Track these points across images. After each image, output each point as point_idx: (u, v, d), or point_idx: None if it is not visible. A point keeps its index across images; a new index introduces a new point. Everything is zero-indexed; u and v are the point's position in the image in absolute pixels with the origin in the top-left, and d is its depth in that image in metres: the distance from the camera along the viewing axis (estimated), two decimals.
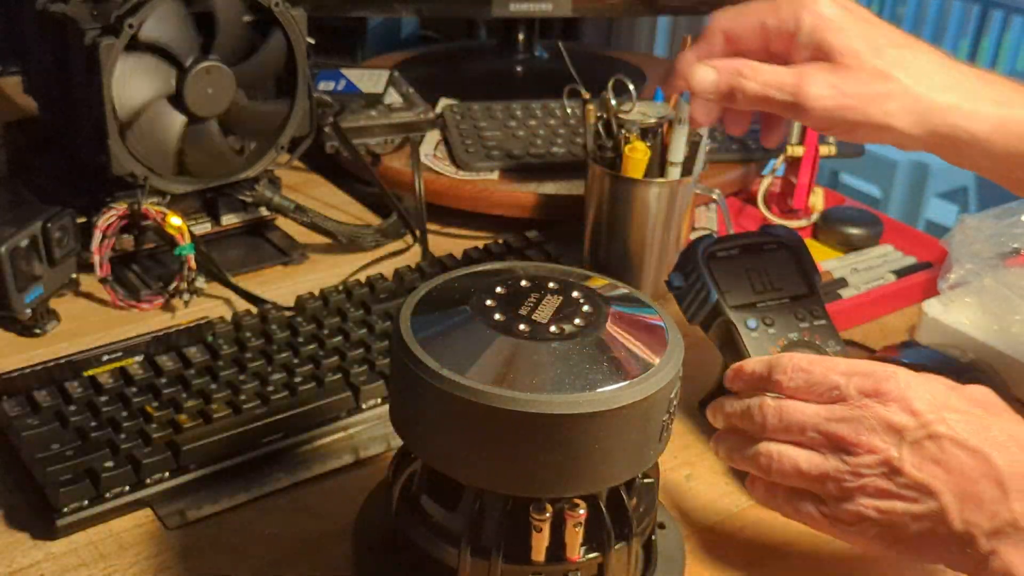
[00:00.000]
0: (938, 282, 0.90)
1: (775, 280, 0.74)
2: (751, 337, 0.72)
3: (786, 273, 0.75)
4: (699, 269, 0.73)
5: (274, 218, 0.97)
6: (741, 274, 0.73)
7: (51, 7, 0.83)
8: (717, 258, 0.74)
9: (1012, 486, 0.53)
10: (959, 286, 0.88)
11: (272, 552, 0.65)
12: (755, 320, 0.72)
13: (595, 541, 0.57)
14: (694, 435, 0.78)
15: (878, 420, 0.56)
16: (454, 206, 1.04)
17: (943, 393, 0.57)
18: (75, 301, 0.87)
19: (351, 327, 0.81)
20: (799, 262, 0.75)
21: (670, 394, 0.54)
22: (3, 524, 0.66)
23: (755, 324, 0.72)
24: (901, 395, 0.56)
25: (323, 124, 1.01)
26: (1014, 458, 0.54)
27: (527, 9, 1.22)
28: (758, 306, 0.73)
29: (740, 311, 0.72)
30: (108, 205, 0.85)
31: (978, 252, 0.88)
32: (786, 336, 0.72)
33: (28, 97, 0.95)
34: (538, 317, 0.55)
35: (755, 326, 0.72)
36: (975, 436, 0.54)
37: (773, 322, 0.72)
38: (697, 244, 0.74)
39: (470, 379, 0.51)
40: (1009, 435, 0.55)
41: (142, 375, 0.75)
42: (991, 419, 0.56)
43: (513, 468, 0.52)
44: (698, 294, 0.73)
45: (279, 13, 0.86)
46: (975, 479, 0.54)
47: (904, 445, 0.55)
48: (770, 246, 0.76)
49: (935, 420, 0.55)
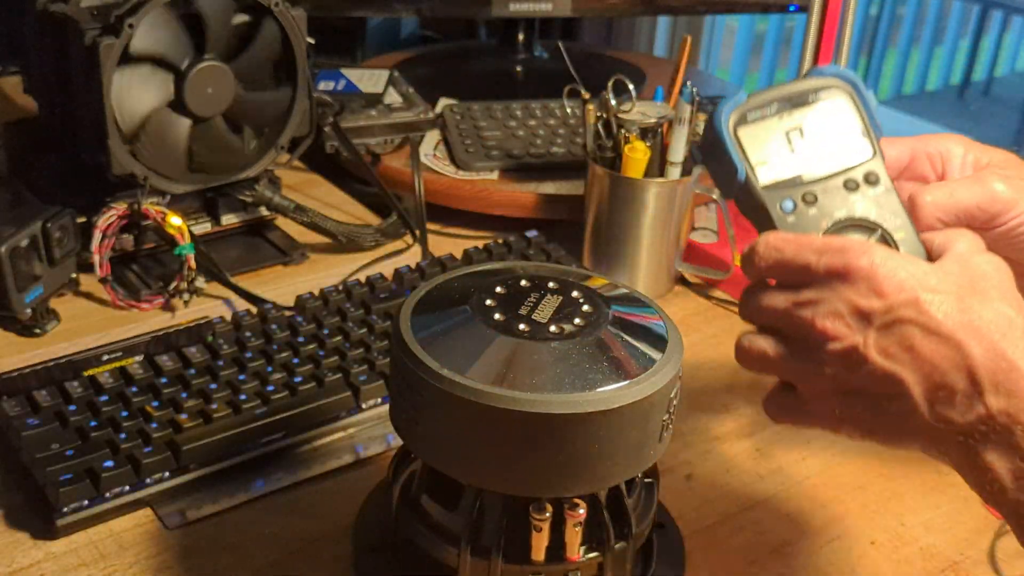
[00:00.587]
0: None
1: (822, 142, 0.58)
2: (787, 222, 0.57)
3: (837, 130, 0.59)
4: (723, 140, 0.58)
5: (274, 218, 0.97)
6: (780, 139, 0.58)
7: (51, 7, 0.83)
8: (748, 122, 0.58)
9: (986, 379, 0.48)
10: None
11: (272, 552, 0.65)
12: (792, 200, 0.57)
13: (595, 541, 0.57)
14: (694, 435, 0.78)
15: (845, 303, 0.51)
16: (454, 206, 1.04)
17: (922, 272, 0.51)
18: (75, 301, 0.87)
19: (351, 327, 0.81)
20: (853, 111, 0.59)
21: (670, 394, 0.54)
22: (3, 524, 0.66)
23: (792, 205, 0.57)
24: (871, 274, 0.50)
25: (323, 124, 1.01)
26: (992, 347, 0.49)
27: (527, 9, 1.22)
28: (798, 180, 0.57)
29: (775, 189, 0.57)
30: (108, 205, 0.85)
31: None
32: (831, 216, 0.57)
33: (28, 97, 0.95)
34: (538, 317, 0.55)
35: (792, 207, 0.57)
36: (950, 320, 0.49)
37: (816, 199, 0.57)
38: (722, 107, 0.59)
39: (470, 379, 0.51)
40: (992, 320, 0.49)
41: (142, 375, 0.75)
42: (974, 301, 0.50)
43: (513, 468, 0.52)
44: (727, 169, 0.58)
45: (279, 13, 0.86)
46: (945, 370, 0.49)
47: (871, 331, 0.50)
48: (816, 95, 0.59)
49: (905, 303, 0.50)
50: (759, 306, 0.55)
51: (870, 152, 0.58)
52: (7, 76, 1.22)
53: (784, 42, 3.70)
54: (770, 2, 1.26)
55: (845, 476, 0.74)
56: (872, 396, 0.51)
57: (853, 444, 0.77)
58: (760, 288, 0.55)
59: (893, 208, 0.57)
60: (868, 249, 0.51)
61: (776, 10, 1.26)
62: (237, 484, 0.70)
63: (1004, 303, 0.50)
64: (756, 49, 3.62)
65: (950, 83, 4.28)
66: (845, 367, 0.51)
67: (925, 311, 0.49)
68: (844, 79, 0.59)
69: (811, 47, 1.01)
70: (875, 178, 0.57)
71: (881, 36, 4.01)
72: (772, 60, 3.68)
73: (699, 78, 1.42)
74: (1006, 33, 4.22)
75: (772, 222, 0.57)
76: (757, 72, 3.68)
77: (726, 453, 0.76)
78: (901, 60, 4.11)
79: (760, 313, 0.55)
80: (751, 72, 3.63)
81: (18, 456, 0.68)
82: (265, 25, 0.87)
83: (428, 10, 1.24)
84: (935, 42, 4.18)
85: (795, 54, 3.18)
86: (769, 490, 0.73)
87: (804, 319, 0.52)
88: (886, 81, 4.11)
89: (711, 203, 1.05)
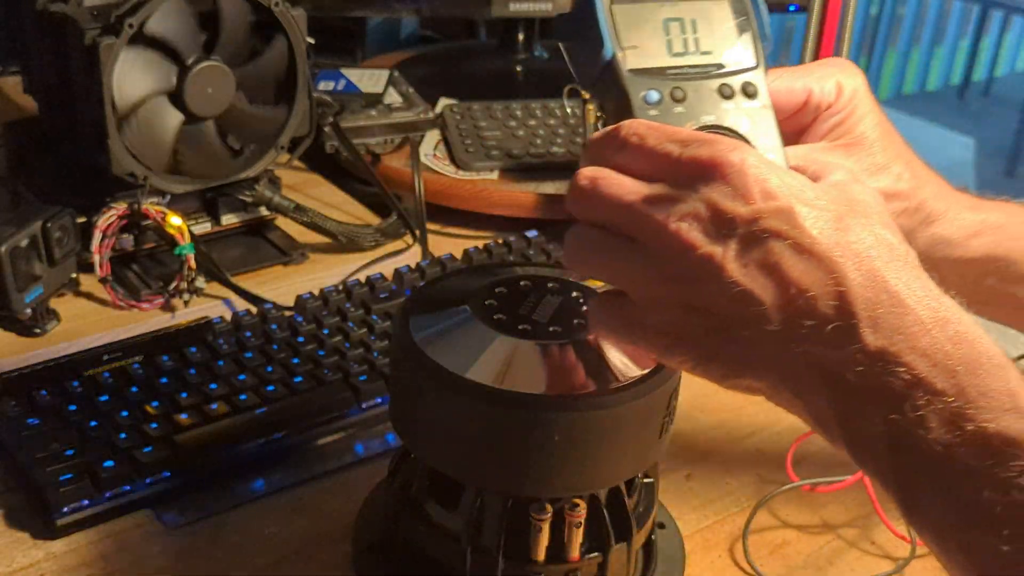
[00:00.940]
0: None
1: (705, 39, 0.53)
2: (648, 114, 0.50)
3: (721, 32, 0.54)
4: (595, 12, 0.52)
5: (274, 218, 0.97)
6: (657, 26, 0.53)
7: (51, 7, 0.83)
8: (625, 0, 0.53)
9: (863, 311, 0.42)
10: None
11: (272, 552, 0.65)
12: (659, 92, 0.51)
13: (595, 541, 0.57)
14: (694, 435, 0.78)
15: (705, 204, 0.43)
16: (454, 206, 1.04)
17: (799, 183, 0.44)
18: (75, 301, 0.87)
19: (351, 327, 0.81)
20: (743, 17, 0.55)
21: (670, 394, 0.54)
22: (3, 524, 0.66)
23: (657, 97, 0.51)
24: (740, 174, 0.43)
25: (323, 124, 1.01)
26: (871, 274, 0.42)
27: (527, 9, 1.22)
28: (669, 72, 0.52)
29: (642, 76, 0.51)
30: (108, 205, 0.85)
31: None
32: (698, 118, 0.51)
33: (28, 97, 0.95)
34: (538, 317, 0.55)
35: (657, 99, 0.51)
36: (825, 239, 0.42)
37: (685, 96, 0.51)
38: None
39: (470, 379, 0.51)
40: (873, 245, 0.43)
41: (142, 375, 0.75)
42: (854, 221, 0.44)
43: (513, 468, 0.52)
44: (591, 47, 0.52)
45: (279, 13, 0.86)
46: (814, 295, 0.42)
47: (732, 241, 0.43)
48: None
49: (775, 211, 0.43)
50: (600, 193, 0.46)
51: (752, 62, 0.53)
52: (7, 76, 1.22)
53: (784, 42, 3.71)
54: (770, 2, 1.25)
55: (844, 475, 0.74)
56: (720, 316, 0.44)
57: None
58: (605, 175, 0.46)
59: (767, 128, 0.51)
60: (740, 147, 0.44)
61: (776, 10, 1.26)
62: (237, 484, 0.70)
63: (886, 229, 0.44)
64: None
65: (950, 83, 4.28)
66: (694, 278, 0.44)
67: (798, 224, 0.42)
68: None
69: (811, 47, 1.01)
70: (753, 91, 0.52)
71: (881, 36, 4.01)
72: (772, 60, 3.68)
73: None
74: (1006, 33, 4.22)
75: (631, 112, 0.51)
76: None
77: (726, 453, 0.76)
78: (901, 60, 4.11)
79: (600, 203, 0.46)
80: None
81: (18, 456, 0.68)
82: (275, 40, 0.87)
83: (428, 10, 1.24)
84: (935, 42, 4.19)
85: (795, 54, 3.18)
86: (769, 490, 0.72)
87: (653, 217, 0.44)
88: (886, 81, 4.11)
89: None
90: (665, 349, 0.47)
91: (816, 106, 0.55)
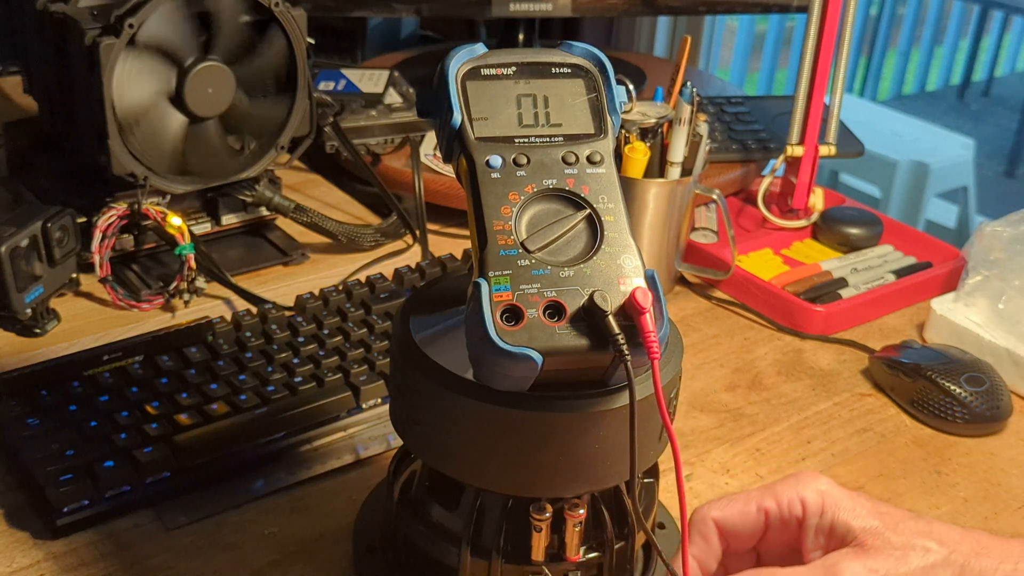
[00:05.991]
0: (956, 291, 0.91)
1: (556, 113, 0.55)
2: (490, 177, 0.53)
3: (571, 106, 0.56)
4: (448, 85, 0.54)
5: (274, 218, 0.97)
6: (509, 101, 0.55)
7: (51, 7, 0.83)
8: (481, 76, 0.55)
9: None
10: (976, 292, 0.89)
11: (272, 552, 0.65)
12: (501, 157, 0.53)
13: (595, 541, 0.57)
14: (694, 435, 0.78)
15: None
16: (454, 206, 1.04)
17: None
18: (75, 301, 0.87)
19: (351, 327, 0.81)
20: (592, 92, 0.56)
21: (670, 394, 0.54)
22: (3, 524, 0.66)
23: (500, 162, 0.53)
24: None
25: (323, 124, 1.01)
26: None
27: (527, 9, 1.22)
28: (517, 141, 0.54)
29: (488, 143, 0.54)
30: (108, 205, 0.85)
31: (997, 260, 0.89)
32: (540, 181, 0.53)
33: (28, 97, 0.95)
34: None
35: (499, 164, 0.53)
36: None
37: (528, 161, 0.53)
38: (455, 54, 0.55)
39: (470, 379, 0.51)
40: None
41: (142, 375, 0.75)
42: None
43: (513, 468, 0.52)
44: (444, 116, 0.55)
45: (279, 13, 0.86)
46: None
47: None
48: (559, 69, 0.56)
49: None
50: None
51: (600, 134, 0.55)
52: (7, 76, 1.22)
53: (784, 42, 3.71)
54: (770, 2, 1.26)
55: (844, 476, 0.74)
56: None
57: (852, 445, 0.77)
58: None
59: (609, 192, 0.54)
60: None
61: (776, 10, 1.26)
62: (237, 484, 0.70)
63: None
64: (756, 49, 3.63)
65: (950, 83, 4.28)
66: None
67: None
68: (592, 60, 0.57)
69: (811, 47, 1.01)
70: (599, 159, 0.55)
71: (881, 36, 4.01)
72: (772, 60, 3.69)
73: (699, 78, 1.42)
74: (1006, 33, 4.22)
75: (476, 175, 0.53)
76: (757, 72, 3.68)
77: (726, 453, 0.76)
78: (901, 60, 4.11)
79: None
80: (751, 72, 3.63)
81: (18, 456, 0.68)
82: (272, 36, 0.87)
83: (428, 10, 1.24)
84: (935, 42, 4.19)
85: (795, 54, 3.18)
86: None
87: None
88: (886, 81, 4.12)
89: (711, 203, 1.05)
90: None
91: (784, 522, 0.55)
